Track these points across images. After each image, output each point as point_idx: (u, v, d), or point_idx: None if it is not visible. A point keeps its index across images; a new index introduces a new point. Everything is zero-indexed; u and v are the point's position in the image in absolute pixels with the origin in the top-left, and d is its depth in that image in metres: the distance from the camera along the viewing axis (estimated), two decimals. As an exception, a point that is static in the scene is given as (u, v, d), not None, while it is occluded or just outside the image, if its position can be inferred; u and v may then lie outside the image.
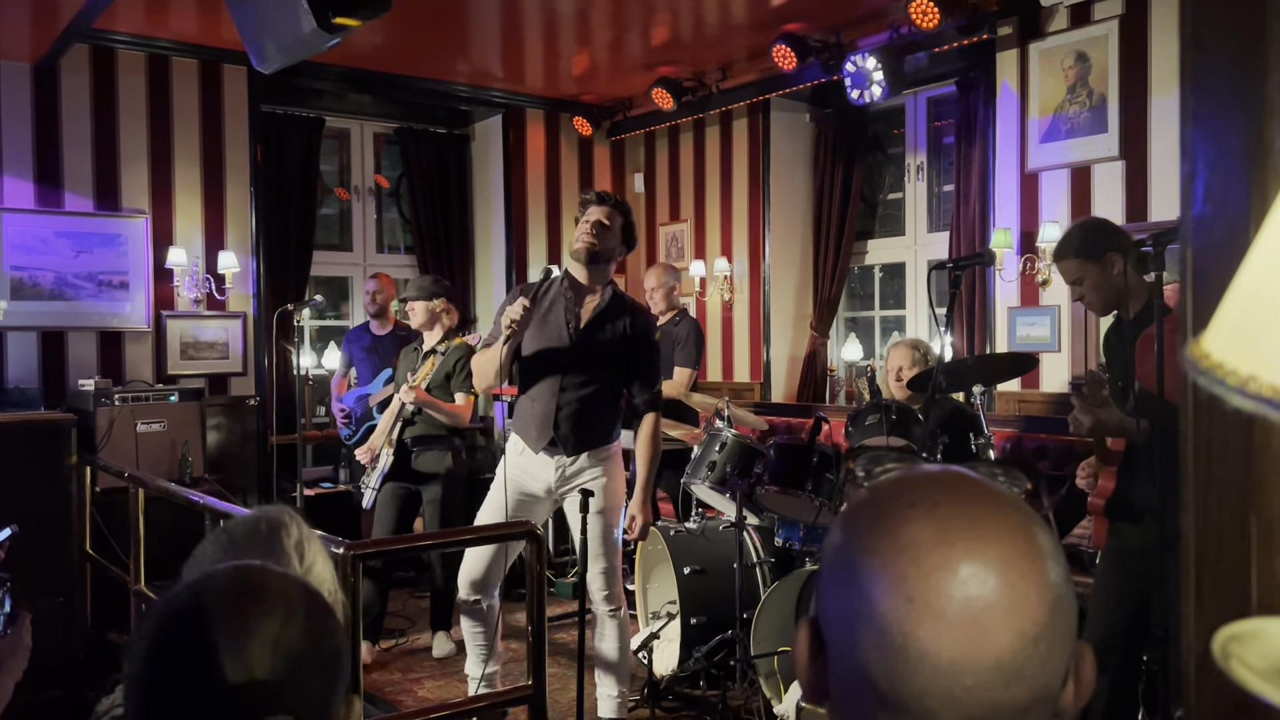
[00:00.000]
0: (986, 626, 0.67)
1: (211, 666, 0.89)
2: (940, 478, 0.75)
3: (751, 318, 7.05)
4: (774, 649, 3.75)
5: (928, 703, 0.67)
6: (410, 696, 4.24)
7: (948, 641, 0.67)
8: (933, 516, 0.70)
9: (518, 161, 7.39)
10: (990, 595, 0.67)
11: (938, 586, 0.67)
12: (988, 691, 0.67)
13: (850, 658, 0.70)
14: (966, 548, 0.68)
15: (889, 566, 0.69)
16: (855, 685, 0.70)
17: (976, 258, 3.75)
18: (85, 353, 5.83)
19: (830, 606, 0.73)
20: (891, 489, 0.75)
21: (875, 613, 0.68)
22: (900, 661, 0.67)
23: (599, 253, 3.49)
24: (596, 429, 3.54)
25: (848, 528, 0.75)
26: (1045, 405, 5.30)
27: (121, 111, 5.92)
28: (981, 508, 0.71)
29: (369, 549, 3.16)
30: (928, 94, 6.38)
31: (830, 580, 0.74)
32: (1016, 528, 0.71)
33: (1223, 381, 0.44)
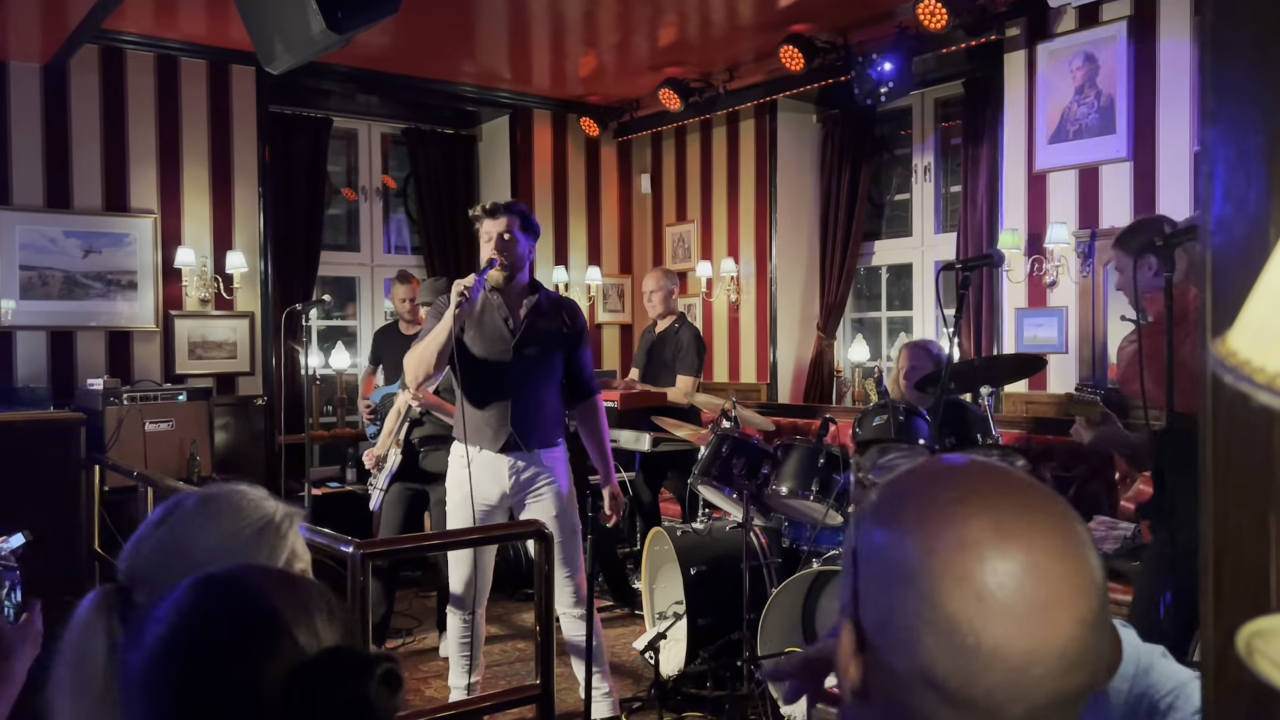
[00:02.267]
0: (1053, 617, 0.68)
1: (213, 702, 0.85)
2: (974, 470, 0.75)
3: (758, 319, 7.05)
4: (781, 649, 3.75)
5: (997, 697, 0.68)
6: (417, 696, 4.25)
7: (1019, 635, 0.67)
8: (986, 511, 0.70)
9: (525, 162, 7.40)
10: (1054, 585, 0.69)
11: (1004, 582, 0.68)
12: (1054, 681, 0.68)
13: (913, 658, 0.70)
14: (1028, 541, 0.69)
15: (952, 565, 0.69)
16: (914, 685, 0.70)
17: (984, 259, 3.74)
18: (94, 352, 5.85)
19: (879, 608, 0.73)
20: (928, 484, 0.75)
21: (942, 613, 0.68)
22: (973, 659, 0.67)
23: (512, 266, 3.52)
24: (548, 424, 3.59)
25: (890, 526, 0.74)
26: (1052, 407, 5.30)
27: (130, 112, 5.94)
28: (1028, 499, 0.72)
29: (378, 548, 3.17)
30: (935, 95, 6.37)
31: (878, 581, 0.73)
32: (1063, 516, 0.72)
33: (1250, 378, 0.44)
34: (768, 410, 6.04)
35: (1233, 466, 0.66)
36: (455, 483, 3.62)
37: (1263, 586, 0.65)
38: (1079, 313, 5.21)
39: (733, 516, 4.43)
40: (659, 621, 4.40)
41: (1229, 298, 0.66)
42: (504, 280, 3.53)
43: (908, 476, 0.77)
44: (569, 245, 7.63)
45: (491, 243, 3.52)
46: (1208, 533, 0.68)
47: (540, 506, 3.54)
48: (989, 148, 5.67)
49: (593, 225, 7.74)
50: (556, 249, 7.56)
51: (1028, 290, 5.44)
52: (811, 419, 5.98)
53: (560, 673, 3.84)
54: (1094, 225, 5.15)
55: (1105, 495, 4.61)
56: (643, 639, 4.32)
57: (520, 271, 3.56)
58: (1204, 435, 0.67)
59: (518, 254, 3.53)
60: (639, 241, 7.93)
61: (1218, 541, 0.68)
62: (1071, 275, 5.21)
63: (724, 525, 4.40)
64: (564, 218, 7.60)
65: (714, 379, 7.29)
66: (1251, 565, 0.66)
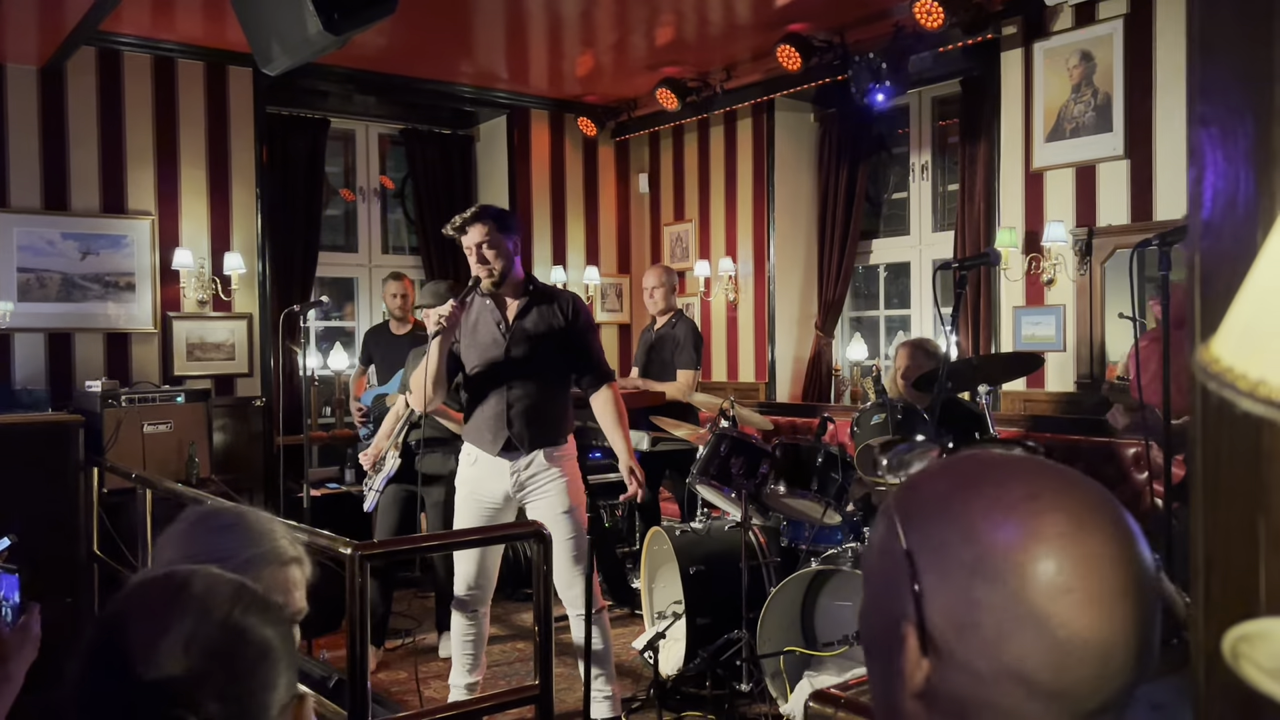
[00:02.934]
0: (1129, 603, 0.70)
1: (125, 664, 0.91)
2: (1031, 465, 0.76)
3: (756, 318, 7.05)
4: (780, 648, 3.75)
5: (1084, 688, 0.70)
6: (417, 696, 4.25)
7: (1104, 624, 0.69)
8: (1061, 506, 0.72)
9: (522, 162, 7.40)
10: (1131, 574, 0.71)
11: (1090, 573, 0.69)
12: (1127, 668, 0.70)
13: (999, 656, 0.70)
14: (1103, 532, 0.71)
15: (1040, 561, 0.70)
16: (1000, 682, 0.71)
17: (982, 257, 3.75)
18: (92, 354, 5.85)
19: (958, 608, 0.72)
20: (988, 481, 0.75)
21: (1032, 607, 0.69)
22: (1065, 652, 0.69)
23: (499, 273, 3.50)
24: (549, 424, 3.57)
25: (957, 525, 0.73)
26: (1050, 405, 5.30)
27: (127, 113, 5.94)
28: (1092, 491, 0.74)
29: (376, 550, 3.17)
30: (932, 93, 6.37)
31: (953, 581, 0.73)
32: (1120, 507, 0.74)
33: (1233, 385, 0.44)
34: (766, 409, 6.05)
35: (1221, 471, 0.66)
36: (462, 480, 3.65)
37: (1252, 589, 0.66)
38: (1077, 311, 5.21)
39: (731, 516, 4.44)
40: (658, 621, 4.40)
41: (1216, 302, 0.66)
42: (497, 288, 3.53)
43: (952, 474, 0.77)
44: (567, 245, 7.63)
45: (473, 258, 3.50)
46: (1197, 537, 0.68)
47: (544, 505, 3.53)
48: (986, 146, 5.67)
49: (590, 225, 7.74)
50: (555, 249, 7.56)
51: (1025, 288, 5.44)
52: (810, 418, 5.98)
53: (560, 673, 3.85)
54: (1091, 223, 5.15)
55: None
56: (642, 638, 4.32)
57: (510, 272, 3.55)
58: (1193, 440, 0.68)
59: (501, 260, 3.50)
60: (637, 241, 7.93)
61: (1207, 545, 0.68)
62: (1069, 273, 5.22)
63: (723, 524, 4.41)
64: (562, 218, 7.60)
65: (712, 378, 7.29)
66: (1240, 568, 0.66)
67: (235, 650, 0.95)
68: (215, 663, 0.93)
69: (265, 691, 0.96)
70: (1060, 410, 5.23)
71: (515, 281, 3.58)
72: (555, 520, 3.40)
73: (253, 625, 0.98)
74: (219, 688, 0.92)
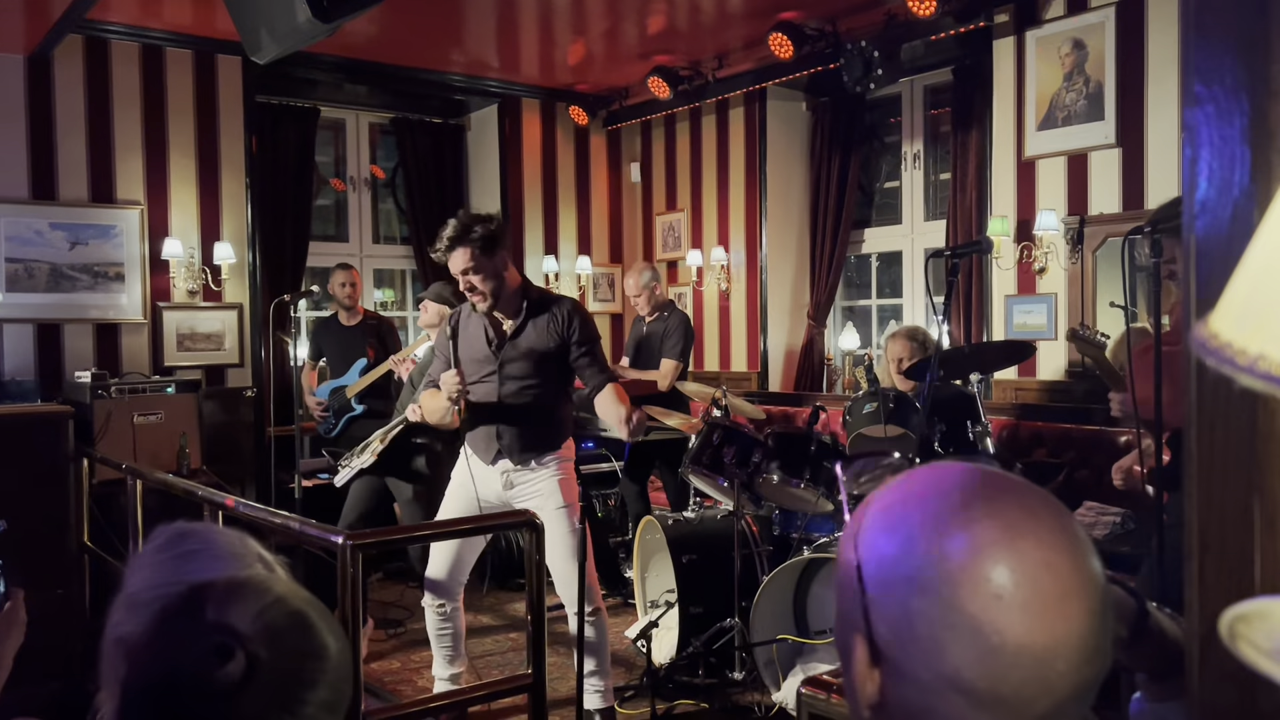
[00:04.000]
0: (1068, 610, 0.70)
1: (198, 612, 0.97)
2: (972, 475, 0.77)
3: (748, 307, 7.05)
4: (772, 637, 3.76)
5: (1025, 694, 0.70)
6: (410, 686, 4.25)
7: (1040, 630, 0.69)
8: (995, 515, 0.72)
9: (514, 151, 7.38)
10: (1066, 579, 0.70)
11: (1021, 580, 0.70)
12: (1075, 671, 0.70)
13: (936, 664, 0.71)
14: (1037, 538, 0.71)
15: (968, 569, 0.70)
16: (943, 692, 0.71)
17: (974, 245, 3.75)
18: (81, 344, 5.82)
19: (897, 620, 0.73)
20: (930, 493, 0.76)
21: (964, 616, 0.70)
22: (999, 659, 0.69)
23: (490, 295, 3.46)
24: (541, 436, 3.55)
25: (897, 536, 0.75)
26: (1042, 393, 5.31)
27: (116, 102, 5.90)
28: (1030, 498, 0.74)
29: (369, 539, 3.16)
30: (924, 82, 6.37)
31: (893, 593, 0.74)
32: (1063, 513, 0.74)
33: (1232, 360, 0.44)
34: (758, 399, 6.05)
35: (1216, 452, 0.66)
36: (457, 469, 3.66)
37: (1247, 570, 0.65)
38: (1068, 299, 5.22)
39: (724, 505, 4.44)
40: (651, 610, 4.41)
41: (1212, 281, 0.66)
42: (491, 310, 3.51)
43: (903, 486, 0.78)
44: (558, 235, 7.61)
45: (464, 285, 3.46)
46: (1192, 517, 0.68)
47: (537, 503, 3.50)
48: (978, 135, 5.67)
49: (582, 214, 7.72)
50: (546, 238, 7.54)
51: (1017, 277, 5.44)
52: (802, 407, 5.99)
53: (553, 662, 3.85)
54: (1083, 212, 5.16)
55: (1094, 482, 4.62)
56: (635, 627, 4.33)
57: (501, 291, 3.48)
58: (1189, 421, 0.67)
59: (490, 282, 3.44)
60: (629, 230, 7.92)
61: (1202, 526, 0.68)
62: (1061, 262, 5.22)
63: (715, 514, 4.41)
64: (553, 207, 7.58)
65: (705, 367, 7.29)
66: (1235, 549, 0.66)
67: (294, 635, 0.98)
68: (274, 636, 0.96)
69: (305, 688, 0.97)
70: (1051, 398, 5.24)
71: (509, 296, 3.52)
72: (549, 517, 3.39)
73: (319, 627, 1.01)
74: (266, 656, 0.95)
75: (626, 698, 3.92)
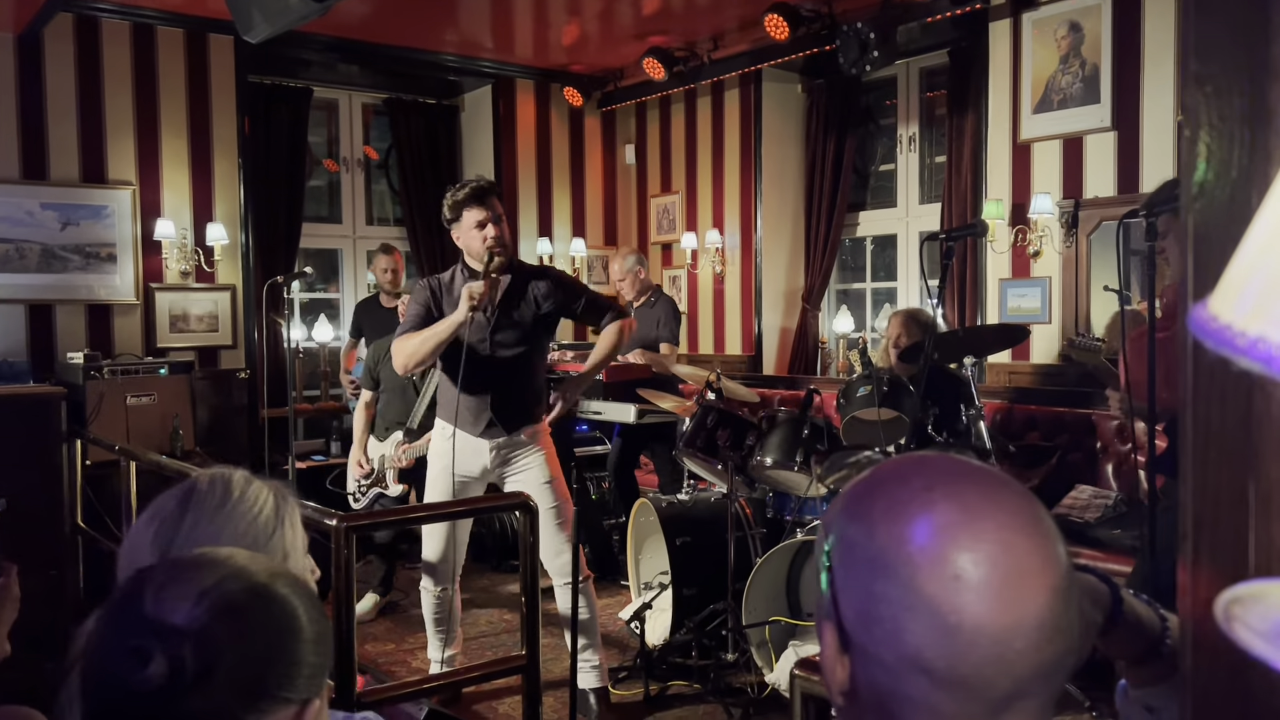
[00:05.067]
0: (1026, 589, 0.71)
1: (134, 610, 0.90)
2: (935, 461, 0.79)
3: (743, 290, 7.04)
4: (765, 619, 3.78)
5: (985, 673, 0.70)
6: (404, 667, 4.26)
7: (998, 609, 0.70)
8: (952, 496, 0.74)
9: (508, 132, 7.34)
10: (1024, 559, 0.72)
11: (978, 559, 0.71)
12: (1036, 650, 0.71)
13: (898, 646, 0.72)
14: (995, 520, 0.72)
15: (926, 550, 0.72)
16: (906, 673, 0.72)
17: (969, 229, 3.75)
18: (73, 326, 5.80)
19: (860, 601, 0.75)
20: (893, 478, 0.77)
21: (923, 597, 0.71)
22: (957, 638, 0.70)
23: (508, 251, 3.48)
24: (530, 404, 3.58)
25: (861, 522, 0.76)
26: (1036, 376, 5.32)
27: (106, 82, 5.86)
28: (990, 481, 0.76)
29: (362, 521, 3.16)
30: (920, 64, 6.34)
31: (857, 577, 0.75)
32: (1023, 494, 0.76)
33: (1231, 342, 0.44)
34: (752, 382, 6.05)
35: (1212, 435, 0.66)
36: (436, 454, 3.62)
37: (1241, 554, 0.65)
38: (1062, 283, 5.22)
39: (717, 487, 4.45)
40: (644, 591, 4.42)
41: (1210, 263, 0.65)
42: (505, 264, 3.49)
43: (871, 475, 0.80)
44: (553, 217, 7.59)
45: (486, 231, 3.42)
46: (1187, 500, 0.68)
47: (526, 477, 3.53)
48: (974, 117, 5.65)
49: (577, 196, 7.70)
50: (540, 220, 7.52)
51: (1011, 260, 5.44)
52: (796, 390, 6.00)
53: (547, 643, 3.86)
54: (1078, 195, 5.15)
55: (1087, 465, 4.64)
56: (628, 609, 4.34)
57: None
58: (1184, 403, 0.67)
59: (509, 237, 3.50)
60: (623, 213, 7.90)
61: (1196, 509, 0.68)
62: (1055, 245, 5.22)
63: (709, 496, 4.42)
64: (548, 189, 7.56)
65: (699, 350, 7.29)
66: (1230, 532, 0.66)
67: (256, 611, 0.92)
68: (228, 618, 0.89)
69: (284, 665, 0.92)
70: (1045, 382, 5.25)
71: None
72: (539, 491, 3.40)
73: (283, 595, 0.95)
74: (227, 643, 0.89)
75: (620, 679, 3.94)
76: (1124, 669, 0.97)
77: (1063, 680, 0.75)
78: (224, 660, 0.88)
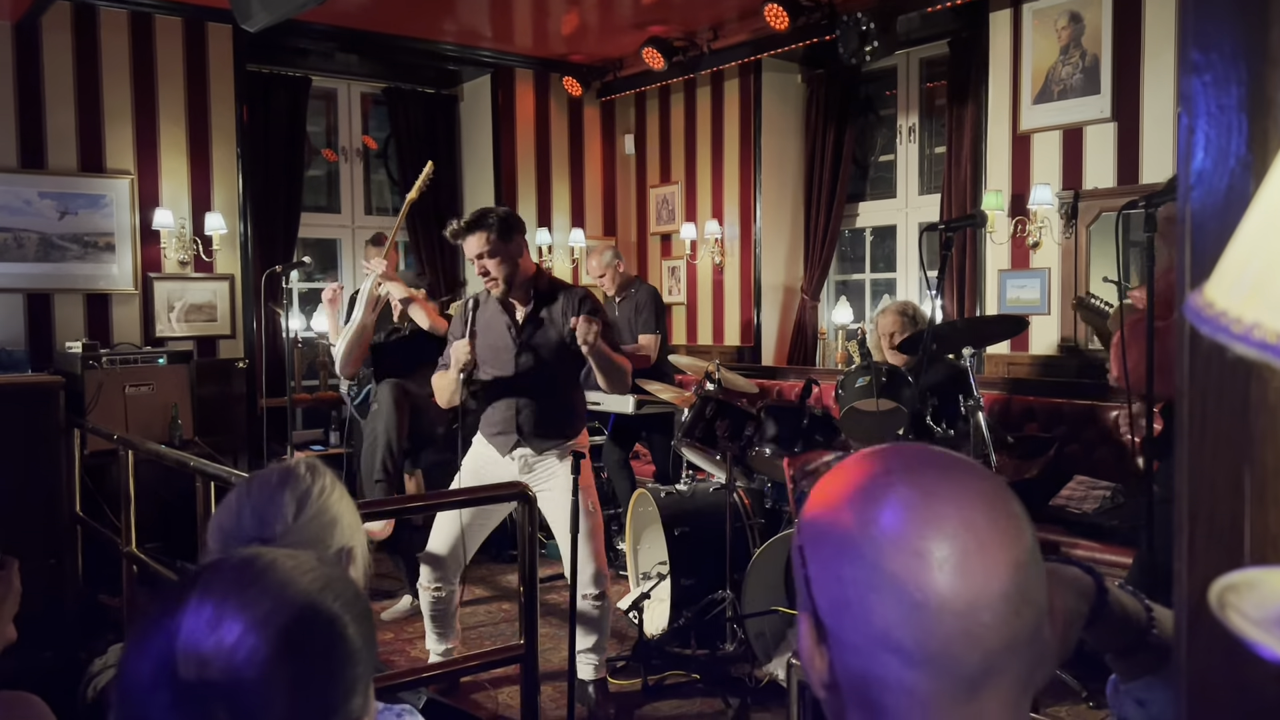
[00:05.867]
0: (988, 562, 0.72)
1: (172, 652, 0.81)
2: (897, 448, 0.81)
3: (742, 281, 7.04)
4: (764, 609, 3.78)
5: (954, 648, 0.72)
6: (403, 656, 4.27)
7: (960, 584, 0.72)
8: (911, 479, 0.75)
9: (507, 122, 7.33)
10: (984, 534, 0.73)
11: (939, 536, 0.72)
12: (1003, 623, 0.72)
13: (869, 627, 0.73)
14: (954, 498, 0.74)
15: (889, 532, 0.73)
16: (878, 654, 0.74)
17: (968, 219, 3.74)
18: (72, 315, 5.80)
19: (831, 588, 0.76)
20: (857, 467, 0.79)
21: (888, 576, 0.72)
22: (922, 614, 0.71)
23: (504, 281, 3.47)
24: (558, 425, 3.58)
25: (828, 510, 0.78)
26: (1034, 367, 5.32)
27: (105, 71, 5.84)
28: (950, 464, 0.78)
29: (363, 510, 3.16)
30: (920, 55, 6.33)
31: (827, 565, 0.77)
32: (981, 473, 0.78)
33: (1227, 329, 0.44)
34: (751, 372, 6.05)
35: (1209, 420, 0.66)
36: (470, 460, 3.68)
37: (1237, 540, 0.65)
38: (1061, 274, 5.22)
39: (716, 478, 4.45)
40: (643, 582, 4.43)
41: (1207, 251, 0.65)
42: (506, 296, 3.51)
43: (837, 467, 0.82)
44: (552, 207, 7.58)
45: (480, 273, 3.48)
46: (1182, 487, 0.68)
47: (549, 497, 3.51)
48: (974, 108, 5.64)
49: (576, 186, 7.68)
50: (540, 210, 7.51)
51: (1010, 251, 5.44)
52: (795, 381, 6.00)
53: (545, 633, 3.88)
54: (1077, 186, 5.15)
55: (1085, 456, 4.64)
56: (627, 599, 4.35)
57: (516, 276, 3.50)
58: (1181, 390, 0.67)
59: (504, 267, 3.46)
60: (623, 203, 7.89)
61: (1192, 495, 0.68)
62: (1054, 236, 5.22)
63: (707, 487, 4.42)
64: (547, 179, 7.55)
65: (698, 341, 7.29)
66: (1226, 519, 0.66)
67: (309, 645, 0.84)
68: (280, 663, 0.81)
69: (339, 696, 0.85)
70: (1044, 373, 5.25)
71: (524, 282, 3.54)
72: (559, 511, 3.42)
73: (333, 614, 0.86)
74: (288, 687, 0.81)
75: (618, 668, 3.94)
76: (1111, 661, 0.98)
77: (1037, 657, 0.76)
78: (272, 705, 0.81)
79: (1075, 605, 0.88)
